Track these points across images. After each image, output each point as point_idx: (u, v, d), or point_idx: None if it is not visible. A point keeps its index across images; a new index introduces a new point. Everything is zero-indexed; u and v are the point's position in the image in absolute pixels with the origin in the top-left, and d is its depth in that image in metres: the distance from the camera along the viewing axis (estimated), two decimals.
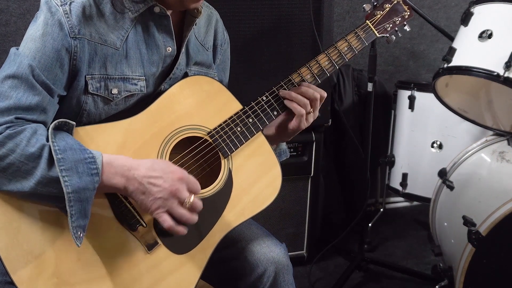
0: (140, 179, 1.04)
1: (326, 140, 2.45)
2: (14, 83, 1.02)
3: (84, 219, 1.00)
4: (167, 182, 1.05)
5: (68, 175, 0.98)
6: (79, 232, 1.00)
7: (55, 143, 1.00)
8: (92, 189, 1.00)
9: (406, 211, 3.07)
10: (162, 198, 1.05)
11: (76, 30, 1.07)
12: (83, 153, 1.01)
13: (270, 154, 1.25)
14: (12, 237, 1.01)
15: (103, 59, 1.12)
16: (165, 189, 1.05)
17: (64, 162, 0.99)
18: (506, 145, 1.95)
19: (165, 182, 1.05)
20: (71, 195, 0.98)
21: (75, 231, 0.99)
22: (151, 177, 1.05)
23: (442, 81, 1.92)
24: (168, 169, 1.07)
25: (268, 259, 1.22)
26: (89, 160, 1.01)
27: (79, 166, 1.00)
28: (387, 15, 1.38)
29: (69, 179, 0.98)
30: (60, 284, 1.03)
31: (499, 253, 1.67)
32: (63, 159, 0.99)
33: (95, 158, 1.02)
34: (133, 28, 1.15)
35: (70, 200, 0.98)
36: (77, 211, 0.99)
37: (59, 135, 1.02)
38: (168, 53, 1.20)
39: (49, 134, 1.01)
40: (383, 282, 2.25)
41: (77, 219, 0.99)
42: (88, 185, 0.99)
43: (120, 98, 1.15)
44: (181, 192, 1.06)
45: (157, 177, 1.05)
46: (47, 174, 0.99)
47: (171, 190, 1.05)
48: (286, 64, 2.00)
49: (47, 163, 0.99)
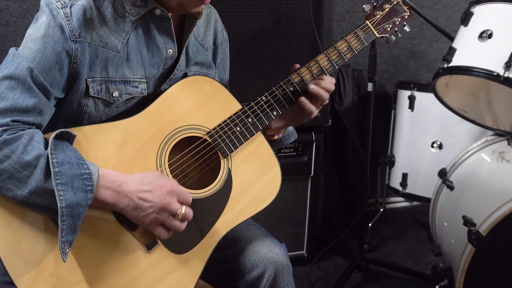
0: (131, 195, 1.04)
1: (326, 140, 2.45)
2: (11, 84, 1.01)
3: (72, 235, 1.00)
4: (157, 196, 1.05)
5: (63, 189, 0.97)
6: (66, 247, 0.99)
7: (53, 155, 0.99)
8: (85, 205, 1.00)
9: (406, 211, 3.07)
10: (154, 212, 1.06)
11: (77, 34, 1.07)
12: (80, 168, 1.00)
13: (269, 154, 1.25)
14: (12, 237, 1.01)
15: (104, 62, 1.11)
16: (156, 204, 1.05)
17: (61, 176, 0.98)
18: (506, 145, 1.95)
19: (156, 197, 1.05)
20: (64, 210, 0.97)
21: (63, 245, 0.98)
22: (141, 192, 1.05)
23: (442, 81, 1.92)
24: (158, 182, 1.07)
25: (268, 259, 1.22)
26: (85, 176, 1.00)
27: (75, 182, 0.99)
28: (387, 16, 1.38)
29: (64, 193, 0.97)
30: (59, 284, 1.03)
31: (499, 253, 1.67)
32: (60, 173, 0.98)
33: (91, 174, 1.01)
34: (134, 30, 1.14)
35: (63, 214, 0.97)
36: (68, 226, 0.98)
37: (59, 146, 1.01)
38: (169, 55, 1.20)
39: (49, 144, 1.00)
40: (383, 282, 2.25)
41: (66, 234, 0.98)
42: (81, 201, 0.99)
43: (121, 100, 1.15)
44: (172, 205, 1.07)
45: (147, 191, 1.05)
46: (42, 185, 0.98)
47: (162, 204, 1.06)
48: (286, 64, 1.99)
49: (43, 173, 0.98)
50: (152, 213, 1.06)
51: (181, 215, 1.08)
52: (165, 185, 1.07)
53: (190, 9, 1.16)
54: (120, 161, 1.11)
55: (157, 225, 1.08)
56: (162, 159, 1.14)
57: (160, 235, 1.09)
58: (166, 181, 1.08)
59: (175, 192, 1.08)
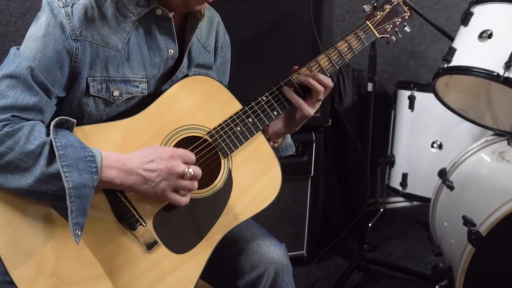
0: (137, 170, 1.06)
1: (326, 140, 2.45)
2: (12, 82, 1.02)
3: (83, 217, 1.01)
4: (161, 163, 1.07)
5: (69, 171, 0.99)
6: (77, 230, 1.00)
7: (56, 140, 1.00)
8: (92, 186, 1.01)
9: (406, 211, 3.07)
10: (163, 179, 1.08)
11: (78, 32, 1.07)
12: (83, 151, 1.02)
13: (270, 154, 1.25)
14: (12, 237, 1.01)
15: (105, 61, 1.12)
16: (162, 170, 1.07)
17: (66, 159, 0.99)
18: (506, 145, 1.95)
19: (160, 164, 1.07)
20: (72, 191, 0.98)
21: (74, 228, 0.99)
22: (145, 163, 1.07)
23: (442, 81, 1.92)
24: (157, 151, 1.09)
25: (268, 259, 1.22)
26: (89, 158, 1.02)
27: (80, 164, 1.00)
28: (387, 16, 1.38)
29: (70, 175, 0.99)
30: (59, 283, 1.03)
31: (499, 253, 1.67)
32: (65, 155, 0.99)
33: (95, 156, 1.03)
34: (135, 30, 1.15)
35: (70, 195, 0.98)
36: (77, 208, 0.99)
37: (60, 132, 1.03)
38: (170, 55, 1.20)
39: (51, 130, 1.01)
40: (383, 282, 2.25)
41: (76, 216, 0.99)
42: (87, 182, 1.00)
43: (121, 100, 1.15)
44: (177, 167, 1.08)
45: (150, 161, 1.07)
46: (46, 171, 0.99)
47: (167, 169, 1.07)
48: (286, 64, 1.99)
49: (47, 160, 0.99)
50: (162, 181, 1.08)
51: (189, 174, 1.09)
52: (165, 151, 1.09)
53: (193, 7, 1.16)
54: None
55: (170, 192, 1.09)
56: None
57: (176, 201, 1.10)
58: (165, 148, 1.11)
59: (176, 155, 1.09)
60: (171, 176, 1.08)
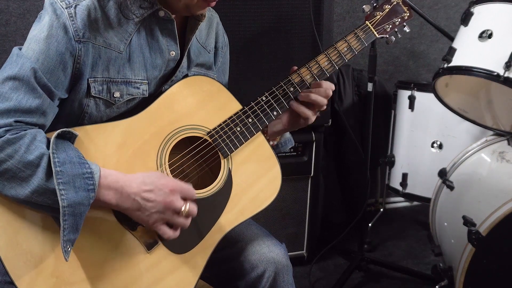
0: (134, 196, 1.04)
1: (326, 140, 2.45)
2: (15, 85, 1.01)
3: (74, 234, 1.00)
4: (160, 195, 1.06)
5: (65, 188, 0.98)
6: (68, 246, 0.99)
7: (55, 155, 0.99)
8: (87, 204, 1.00)
9: (406, 211, 3.07)
10: (158, 212, 1.06)
11: (81, 34, 1.06)
12: (81, 167, 1.00)
13: (270, 154, 1.25)
14: (12, 237, 1.01)
15: (106, 62, 1.11)
16: (159, 203, 1.05)
17: (62, 176, 0.98)
18: (506, 145, 1.95)
19: (158, 196, 1.05)
20: (66, 209, 0.97)
21: (65, 244, 0.98)
22: (144, 192, 1.05)
23: (442, 81, 1.92)
24: (159, 181, 1.07)
25: (268, 259, 1.22)
26: (87, 175, 1.00)
27: (77, 181, 0.99)
28: (387, 16, 1.38)
29: (66, 193, 0.97)
30: (59, 284, 1.03)
31: (499, 253, 1.67)
32: (62, 172, 0.98)
33: (93, 174, 1.01)
34: (137, 32, 1.14)
35: (64, 214, 0.97)
36: (70, 226, 0.98)
37: (61, 146, 1.01)
38: (171, 57, 1.20)
39: (51, 144, 1.00)
40: (383, 282, 2.25)
41: (68, 233, 0.98)
42: (83, 200, 0.99)
43: (122, 101, 1.15)
44: (175, 203, 1.07)
45: (149, 191, 1.05)
46: (44, 184, 0.98)
47: (165, 203, 1.06)
48: (286, 64, 1.98)
49: (45, 173, 0.98)
50: (156, 213, 1.06)
51: (185, 212, 1.08)
52: (167, 184, 1.07)
53: (195, 11, 1.16)
54: (120, 161, 1.11)
55: (161, 224, 1.08)
56: (162, 159, 1.14)
57: (164, 234, 1.08)
58: (168, 180, 1.08)
59: (177, 190, 1.08)
60: (166, 211, 1.06)
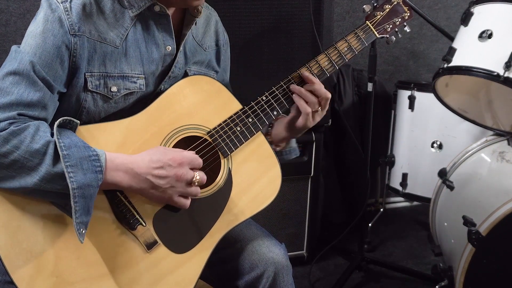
0: (145, 175, 1.06)
1: (326, 140, 2.45)
2: (16, 79, 1.03)
3: (87, 216, 1.01)
4: (171, 170, 1.08)
5: (73, 171, 0.99)
6: (82, 229, 1.01)
7: (60, 140, 1.01)
8: (96, 186, 1.01)
9: (406, 211, 3.07)
10: (172, 186, 1.09)
11: (76, 28, 1.07)
12: (87, 150, 1.02)
13: (270, 154, 1.25)
14: (12, 236, 1.01)
15: (103, 57, 1.12)
16: (172, 178, 1.08)
17: (70, 159, 0.99)
18: (506, 145, 1.95)
19: (169, 171, 1.08)
20: (76, 191, 0.98)
21: (78, 227, 1.00)
22: (154, 169, 1.07)
23: (442, 81, 1.92)
24: (166, 157, 1.09)
25: (268, 260, 1.22)
26: (93, 157, 1.02)
27: (84, 163, 1.00)
28: (387, 16, 1.38)
29: (74, 175, 0.99)
30: (59, 283, 1.03)
31: (499, 253, 1.67)
32: (69, 155, 1.00)
33: (99, 156, 1.03)
34: (133, 26, 1.15)
35: (75, 196, 0.98)
36: (81, 207, 0.99)
37: (64, 133, 1.03)
38: (168, 52, 1.20)
39: (54, 131, 1.01)
40: (383, 282, 2.25)
41: (80, 215, 1.00)
42: (92, 182, 1.00)
43: (119, 96, 1.16)
44: (186, 175, 1.09)
45: (159, 167, 1.07)
46: (51, 170, 0.99)
47: (177, 177, 1.08)
48: (286, 64, 2.00)
49: (52, 159, 1.00)
50: (170, 188, 1.09)
51: (197, 182, 1.11)
52: (175, 158, 1.09)
53: (191, 2, 1.16)
54: None
55: (177, 197, 1.11)
56: None
57: (184, 205, 1.12)
58: (174, 153, 1.10)
59: (186, 162, 1.10)
60: (179, 183, 1.09)
